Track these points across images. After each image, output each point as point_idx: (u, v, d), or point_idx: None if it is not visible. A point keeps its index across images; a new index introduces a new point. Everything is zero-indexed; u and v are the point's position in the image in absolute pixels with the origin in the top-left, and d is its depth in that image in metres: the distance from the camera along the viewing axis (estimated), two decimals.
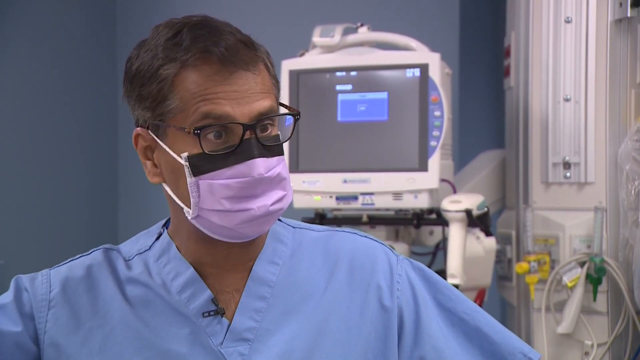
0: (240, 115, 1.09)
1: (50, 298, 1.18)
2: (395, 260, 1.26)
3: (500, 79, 2.84)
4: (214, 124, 1.09)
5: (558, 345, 2.35)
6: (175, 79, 1.10)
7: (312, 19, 2.61)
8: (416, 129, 2.29)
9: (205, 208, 1.11)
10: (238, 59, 1.10)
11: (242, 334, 1.16)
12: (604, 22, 2.30)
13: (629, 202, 2.23)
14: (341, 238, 1.27)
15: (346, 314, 1.19)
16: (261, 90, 1.12)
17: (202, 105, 1.09)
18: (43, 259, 3.10)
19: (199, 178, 1.10)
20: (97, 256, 1.22)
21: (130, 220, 3.54)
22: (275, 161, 1.12)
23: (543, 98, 2.36)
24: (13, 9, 2.98)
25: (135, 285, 1.19)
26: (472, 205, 2.22)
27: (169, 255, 1.20)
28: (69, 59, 3.24)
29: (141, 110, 1.14)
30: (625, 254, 2.27)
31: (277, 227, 1.24)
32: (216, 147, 1.10)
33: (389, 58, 2.34)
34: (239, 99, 1.09)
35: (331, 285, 1.21)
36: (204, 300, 1.17)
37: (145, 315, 1.16)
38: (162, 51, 1.10)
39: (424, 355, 1.21)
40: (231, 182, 1.09)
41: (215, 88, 1.09)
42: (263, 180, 1.10)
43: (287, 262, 1.22)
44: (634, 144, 2.22)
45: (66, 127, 3.23)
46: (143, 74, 1.12)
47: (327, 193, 2.36)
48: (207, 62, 1.09)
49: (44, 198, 3.11)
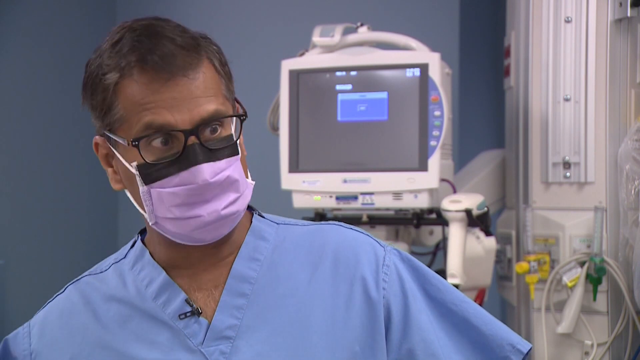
0: (182, 121, 1.08)
1: (32, 350, 1.19)
2: (382, 252, 1.24)
3: (500, 79, 2.84)
4: (154, 133, 1.08)
5: (558, 345, 2.35)
6: (116, 87, 1.10)
7: (312, 19, 2.61)
8: (416, 129, 2.29)
9: (159, 216, 1.11)
10: (174, 65, 1.08)
11: (223, 332, 1.15)
12: (604, 22, 2.30)
13: (629, 202, 2.23)
14: (326, 231, 1.25)
15: (331, 308, 1.18)
16: (203, 93, 1.10)
17: (144, 116, 1.08)
18: (43, 259, 3.11)
19: (150, 186, 1.10)
20: (70, 293, 1.23)
21: (131, 221, 3.53)
22: (224, 164, 1.10)
23: (543, 98, 2.36)
24: (13, 8, 2.98)
25: (110, 304, 1.19)
26: (472, 205, 2.22)
27: (143, 262, 1.20)
28: (69, 58, 3.24)
29: (95, 119, 1.15)
30: (625, 254, 2.27)
31: (259, 224, 1.23)
32: (163, 154, 1.09)
33: (389, 58, 2.34)
34: (179, 106, 1.08)
35: (315, 279, 1.20)
36: (179, 303, 1.16)
37: (123, 332, 1.16)
38: (107, 58, 1.10)
39: (413, 347, 1.19)
40: (177, 190, 1.09)
41: (153, 97, 1.08)
42: (209, 185, 1.08)
43: (268, 258, 1.20)
44: (634, 144, 2.22)
45: (66, 127, 3.23)
46: (91, 82, 1.12)
47: (327, 193, 2.36)
48: (143, 71, 1.08)
49: (44, 198, 3.11)
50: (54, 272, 3.06)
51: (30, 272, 3.02)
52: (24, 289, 2.95)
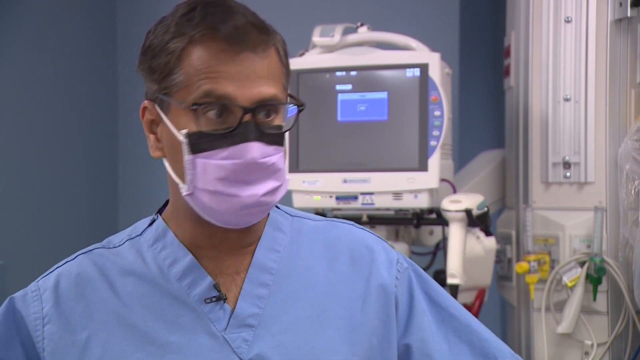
0: (242, 97, 1.09)
1: (44, 315, 1.16)
2: (394, 254, 1.28)
3: (500, 79, 2.84)
4: (212, 103, 1.09)
5: (558, 345, 2.35)
6: (182, 53, 1.10)
7: (312, 19, 2.61)
8: (416, 129, 2.29)
9: (198, 187, 1.10)
10: (246, 40, 1.09)
11: (246, 319, 1.15)
12: (604, 22, 2.30)
13: (629, 202, 2.23)
14: (340, 229, 1.28)
15: (348, 301, 1.20)
16: (267, 75, 1.11)
17: (205, 84, 1.08)
18: (43, 259, 3.10)
19: (196, 156, 1.10)
20: (82, 261, 1.20)
21: (131, 221, 3.52)
22: (273, 150, 1.11)
23: (543, 98, 2.36)
24: (13, 9, 2.98)
25: (128, 278, 1.17)
26: (472, 205, 2.22)
27: (165, 241, 1.19)
28: (69, 59, 3.24)
29: (150, 83, 1.14)
30: (625, 254, 2.27)
31: (276, 215, 1.24)
32: (215, 127, 1.09)
33: (389, 58, 2.34)
34: (242, 81, 1.09)
35: (332, 273, 1.22)
36: (205, 287, 1.16)
37: (142, 310, 1.15)
38: (175, 26, 1.11)
39: (410, 344, 1.23)
40: (225, 163, 1.08)
41: (219, 67, 1.09)
42: (256, 165, 1.09)
43: (287, 250, 1.22)
44: (634, 144, 2.22)
45: (66, 127, 3.23)
46: (154, 47, 1.13)
47: (327, 193, 2.36)
48: (214, 39, 1.09)
49: (44, 198, 3.11)
50: None
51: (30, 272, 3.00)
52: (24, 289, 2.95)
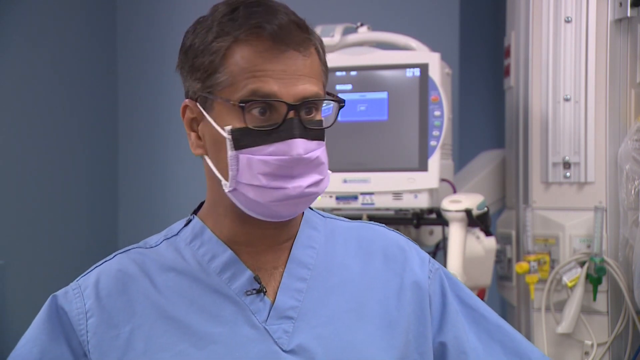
0: (286, 95, 1.11)
1: (87, 310, 1.18)
2: (425, 255, 1.31)
3: (500, 79, 2.84)
4: (258, 101, 1.11)
5: (558, 345, 2.35)
6: (227, 52, 1.12)
7: (312, 19, 2.60)
8: (416, 129, 2.29)
9: (242, 182, 1.13)
10: (290, 38, 1.12)
11: (286, 312, 1.18)
12: (604, 22, 2.30)
13: (629, 202, 2.23)
14: (372, 230, 1.31)
15: (384, 298, 1.23)
16: (309, 73, 1.14)
17: (250, 83, 1.11)
18: (43, 259, 3.11)
19: (239, 152, 1.12)
20: (121, 259, 1.22)
21: (131, 221, 3.54)
22: (315, 145, 1.14)
23: (543, 98, 2.36)
24: (13, 9, 2.98)
25: (168, 274, 1.19)
26: (472, 205, 2.22)
27: (203, 239, 1.21)
28: (69, 59, 3.24)
29: (192, 82, 1.16)
30: (625, 254, 2.27)
31: (310, 215, 1.27)
32: (259, 124, 1.12)
33: (389, 58, 2.34)
34: (287, 79, 1.12)
35: (366, 271, 1.25)
36: (246, 280, 1.18)
37: (183, 303, 1.17)
38: (217, 25, 1.13)
39: (446, 342, 1.26)
40: (270, 159, 1.11)
41: (264, 65, 1.11)
42: (301, 160, 1.12)
43: (322, 247, 1.25)
44: (634, 144, 2.22)
45: (66, 127, 3.23)
46: (197, 46, 1.15)
47: (327, 193, 2.36)
48: (259, 38, 1.12)
49: (44, 198, 3.11)
50: (54, 272, 3.06)
51: (30, 272, 3.01)
52: (24, 289, 2.95)
